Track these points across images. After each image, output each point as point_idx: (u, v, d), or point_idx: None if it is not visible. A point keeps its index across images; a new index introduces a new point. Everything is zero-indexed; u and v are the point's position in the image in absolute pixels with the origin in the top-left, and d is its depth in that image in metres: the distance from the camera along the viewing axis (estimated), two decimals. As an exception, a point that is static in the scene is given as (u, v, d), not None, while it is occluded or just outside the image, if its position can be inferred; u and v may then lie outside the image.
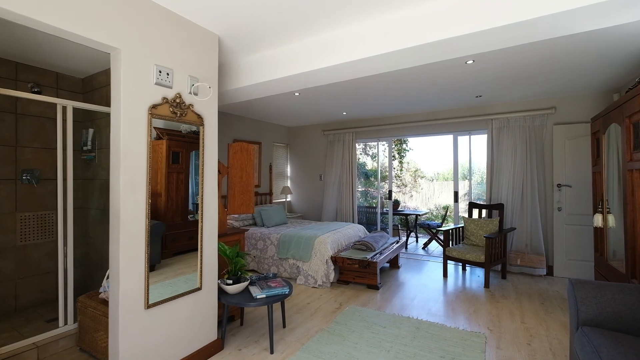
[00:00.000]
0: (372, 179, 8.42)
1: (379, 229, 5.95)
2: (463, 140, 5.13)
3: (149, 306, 2.00)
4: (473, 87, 3.76)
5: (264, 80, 2.85)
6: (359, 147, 8.36)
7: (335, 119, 5.84)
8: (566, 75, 3.36)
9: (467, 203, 5.01)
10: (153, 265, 2.15)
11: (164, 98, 2.09)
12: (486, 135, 4.72)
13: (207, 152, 2.41)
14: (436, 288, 3.82)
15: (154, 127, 2.05)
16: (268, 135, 6.11)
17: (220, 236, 2.84)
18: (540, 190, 4.25)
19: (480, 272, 4.38)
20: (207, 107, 2.41)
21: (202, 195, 2.36)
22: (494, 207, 4.31)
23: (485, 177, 4.86)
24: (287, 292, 2.60)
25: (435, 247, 6.23)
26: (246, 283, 2.59)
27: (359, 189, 8.67)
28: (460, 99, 4.33)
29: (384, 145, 5.94)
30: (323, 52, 2.52)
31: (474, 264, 3.86)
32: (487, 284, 3.77)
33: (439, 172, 10.05)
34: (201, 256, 2.37)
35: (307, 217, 6.41)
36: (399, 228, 6.69)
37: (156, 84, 2.05)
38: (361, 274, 3.87)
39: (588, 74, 3.33)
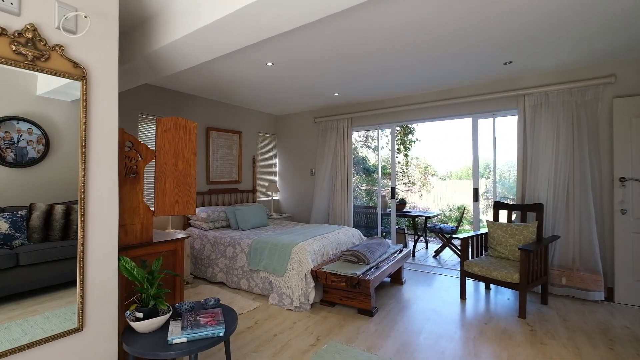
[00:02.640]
0: (376, 175, 7.45)
1: (379, 233, 4.97)
2: (485, 124, 4.11)
3: None
4: (502, 45, 2.75)
5: (196, 29, 1.96)
6: (359, 137, 7.40)
7: (327, 103, 4.90)
8: (634, 26, 2.34)
9: (492, 203, 4.00)
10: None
11: (-2, 28, 1.21)
12: (516, 116, 3.69)
13: (95, 123, 1.52)
14: (451, 316, 2.83)
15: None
16: (250, 123, 5.21)
17: (141, 246, 1.97)
18: (594, 187, 3.19)
19: (510, 293, 3.36)
20: (95, 53, 1.53)
21: (84, 189, 1.47)
22: (530, 209, 3.28)
23: (511, 170, 3.82)
24: (221, 335, 1.68)
25: (449, 255, 5.20)
26: (164, 317, 1.69)
27: (363, 188, 7.72)
28: (483, 67, 3.33)
29: (386, 135, 4.97)
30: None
31: (505, 285, 2.85)
32: (522, 313, 2.76)
33: (451, 171, 9.02)
34: (82, 280, 1.48)
35: (297, 218, 5.48)
36: (405, 232, 5.70)
37: (-34, -9, 1.17)
38: (350, 294, 2.92)
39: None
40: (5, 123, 1.29)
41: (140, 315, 1.66)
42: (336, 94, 4.39)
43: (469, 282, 3.69)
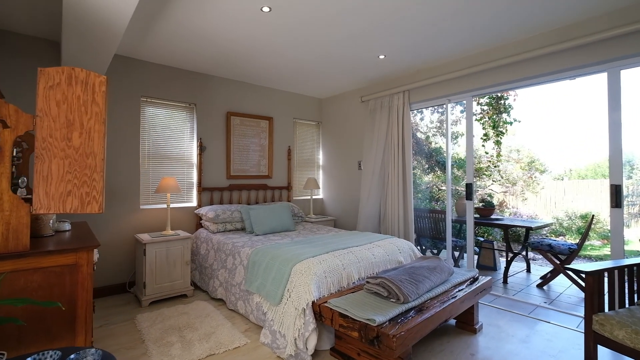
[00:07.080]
0: (458, 172, 5.85)
1: (448, 248, 3.57)
2: (634, 77, 2.42)
3: None
4: None
5: None
6: (431, 123, 5.89)
7: (374, 74, 3.75)
8: None
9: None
10: None
11: None
12: None
13: None
14: None
15: None
16: (284, 108, 4.40)
17: (3, 258, 1.33)
18: None
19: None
20: None
21: None
22: None
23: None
24: None
25: (564, 285, 3.46)
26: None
27: (443, 188, 6.21)
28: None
29: (461, 109, 3.54)
30: None
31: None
32: None
33: (571, 169, 6.70)
34: None
35: (342, 223, 4.46)
36: (494, 247, 4.11)
37: None
38: (372, 349, 1.81)
39: None
40: None
41: None
42: (382, 57, 3.24)
43: (603, 351, 2.11)
